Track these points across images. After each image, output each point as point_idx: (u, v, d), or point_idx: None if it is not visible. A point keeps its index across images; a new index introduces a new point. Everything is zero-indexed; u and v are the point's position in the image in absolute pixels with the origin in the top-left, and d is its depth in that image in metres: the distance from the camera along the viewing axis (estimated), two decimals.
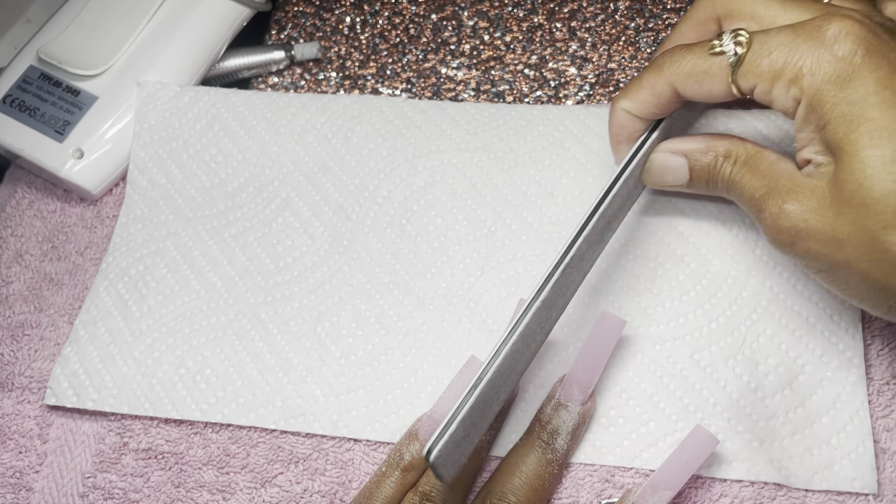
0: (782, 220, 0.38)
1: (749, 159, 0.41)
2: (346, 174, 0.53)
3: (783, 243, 0.39)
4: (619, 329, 0.42)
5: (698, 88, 0.40)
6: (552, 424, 0.43)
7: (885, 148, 0.34)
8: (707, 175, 0.43)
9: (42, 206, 0.57)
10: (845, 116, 0.35)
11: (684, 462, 0.40)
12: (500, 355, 0.39)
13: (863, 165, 0.35)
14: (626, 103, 0.43)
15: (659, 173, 0.44)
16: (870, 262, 0.35)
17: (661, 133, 0.45)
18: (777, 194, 0.39)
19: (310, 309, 0.49)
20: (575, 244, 0.42)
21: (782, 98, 0.38)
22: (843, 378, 0.44)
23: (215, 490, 0.46)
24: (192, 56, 0.58)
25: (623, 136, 0.44)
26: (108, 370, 0.49)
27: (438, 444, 0.38)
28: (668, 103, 0.42)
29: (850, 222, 0.35)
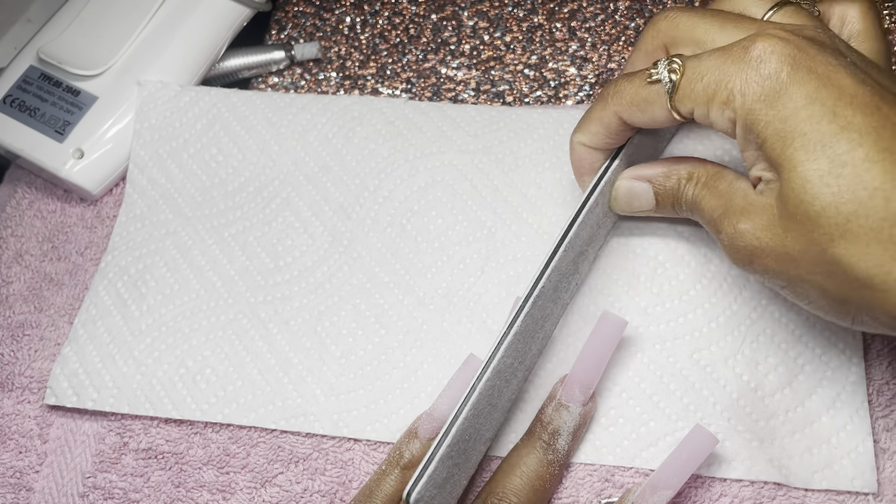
0: (737, 239, 0.39)
1: (709, 180, 0.41)
2: (347, 174, 0.53)
3: (742, 262, 0.39)
4: (621, 329, 0.42)
5: (641, 116, 0.41)
6: (553, 425, 0.43)
7: (820, 161, 0.34)
8: (672, 198, 0.44)
9: (42, 206, 0.57)
10: (779, 133, 0.36)
11: (684, 461, 0.40)
12: (475, 391, 0.40)
13: (801, 181, 0.35)
14: (580, 136, 0.44)
15: (626, 200, 0.45)
16: (823, 275, 0.36)
17: (623, 161, 0.45)
18: (732, 214, 0.39)
19: (310, 308, 0.49)
20: (543, 276, 0.42)
21: (719, 120, 0.38)
22: (843, 377, 0.44)
23: (215, 490, 0.46)
24: (193, 56, 0.58)
25: (584, 168, 0.45)
26: (107, 370, 0.49)
27: (418, 485, 0.38)
28: (618, 132, 0.43)
29: (799, 237, 0.36)
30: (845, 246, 0.34)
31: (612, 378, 0.45)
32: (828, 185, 0.34)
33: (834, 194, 0.34)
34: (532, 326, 0.43)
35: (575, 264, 0.45)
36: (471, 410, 0.40)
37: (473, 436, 0.41)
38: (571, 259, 0.44)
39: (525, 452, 0.42)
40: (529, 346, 0.43)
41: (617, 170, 0.45)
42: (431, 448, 0.39)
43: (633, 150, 0.46)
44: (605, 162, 0.45)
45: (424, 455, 0.40)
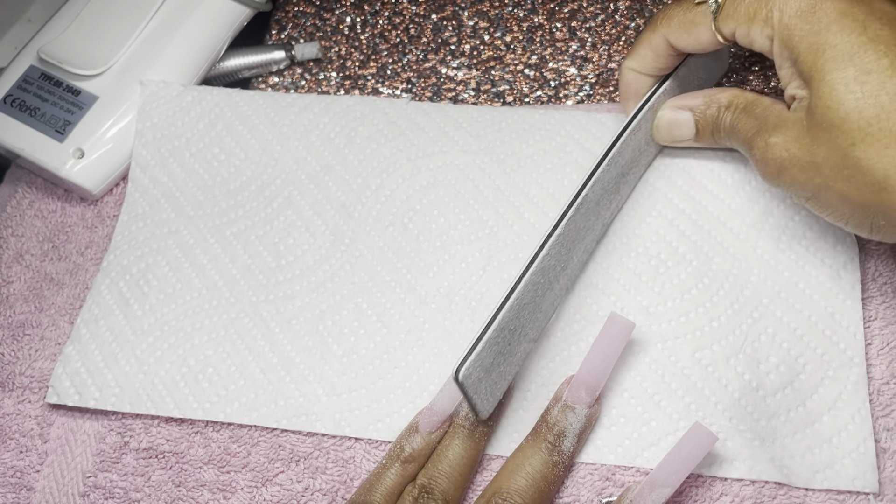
0: (768, 152, 0.41)
1: (747, 106, 0.44)
2: (349, 173, 0.53)
3: (771, 175, 0.41)
4: (628, 332, 0.42)
5: (687, 38, 0.44)
6: (559, 426, 0.43)
7: (846, 70, 0.37)
8: (712, 126, 0.46)
9: (43, 205, 0.57)
10: (812, 46, 0.38)
11: (682, 459, 0.40)
12: (520, 283, 0.41)
13: (829, 89, 0.37)
14: (630, 62, 0.47)
15: (667, 128, 0.48)
16: (844, 179, 0.37)
17: (668, 92, 0.48)
18: (765, 131, 0.41)
19: (312, 307, 0.49)
20: (587, 185, 0.44)
21: (759, 38, 0.41)
22: (845, 377, 0.44)
23: (216, 489, 0.46)
24: (193, 56, 0.58)
25: (630, 92, 0.48)
26: (109, 368, 0.49)
27: (466, 362, 0.39)
28: (665, 56, 0.46)
29: (824, 144, 0.38)
30: (865, 149, 0.36)
31: (613, 377, 0.45)
32: (852, 91, 0.36)
33: (858, 100, 0.36)
34: (574, 233, 0.45)
35: (616, 184, 0.47)
36: (515, 300, 0.41)
37: (517, 329, 0.42)
38: (613, 177, 0.46)
39: (530, 453, 0.42)
40: (571, 253, 0.45)
41: (661, 98, 0.47)
42: (479, 331, 0.40)
43: (678, 83, 0.48)
44: (650, 89, 0.47)
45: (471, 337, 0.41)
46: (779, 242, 0.47)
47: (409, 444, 0.43)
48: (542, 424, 0.43)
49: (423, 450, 0.43)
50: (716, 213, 0.48)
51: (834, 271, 0.46)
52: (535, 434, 0.43)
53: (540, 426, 0.43)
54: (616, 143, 0.46)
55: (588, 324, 0.47)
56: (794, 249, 0.47)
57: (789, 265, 0.47)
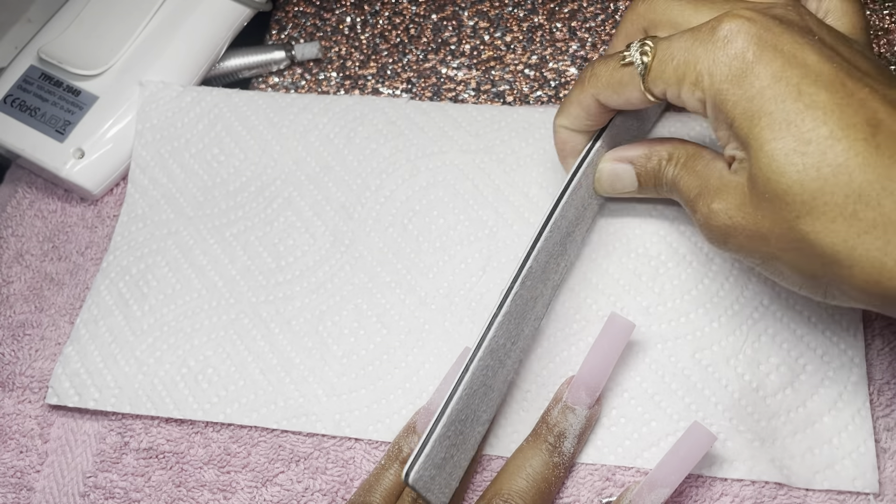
0: (711, 218, 0.39)
1: (688, 160, 0.42)
2: (349, 174, 0.53)
3: (717, 241, 0.40)
4: (629, 332, 0.42)
5: (617, 98, 0.42)
6: (559, 427, 0.43)
7: (785, 140, 0.35)
8: (654, 179, 0.44)
9: (43, 205, 0.57)
10: (746, 112, 0.36)
11: (681, 459, 0.40)
12: (469, 371, 0.40)
13: (768, 159, 0.35)
14: (561, 120, 0.46)
15: (609, 181, 0.46)
16: (793, 251, 0.36)
17: (606, 143, 0.46)
18: (707, 194, 0.40)
19: (311, 308, 0.49)
20: (530, 256, 0.43)
21: (690, 100, 0.39)
22: (845, 378, 0.44)
23: (216, 489, 0.46)
24: (193, 56, 0.58)
25: (567, 150, 0.47)
26: (109, 369, 0.49)
27: (416, 465, 0.38)
28: (597, 114, 0.44)
29: (768, 215, 0.36)
30: (811, 223, 0.35)
31: (613, 378, 0.45)
32: (793, 163, 0.35)
33: (799, 172, 0.35)
34: (522, 306, 0.43)
35: (563, 245, 0.46)
36: (465, 390, 0.40)
37: (470, 416, 0.41)
38: (558, 240, 0.45)
39: (531, 454, 0.42)
40: (521, 326, 0.44)
41: (599, 151, 0.46)
42: (427, 429, 0.39)
43: (615, 132, 0.47)
44: (587, 144, 0.46)
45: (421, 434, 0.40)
46: None
47: (406, 444, 0.43)
48: (543, 425, 0.43)
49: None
50: None
51: None
52: (536, 435, 0.43)
53: (540, 427, 0.43)
54: (557, 206, 0.44)
55: (588, 324, 0.47)
56: None
57: None
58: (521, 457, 0.42)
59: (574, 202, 0.46)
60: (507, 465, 0.42)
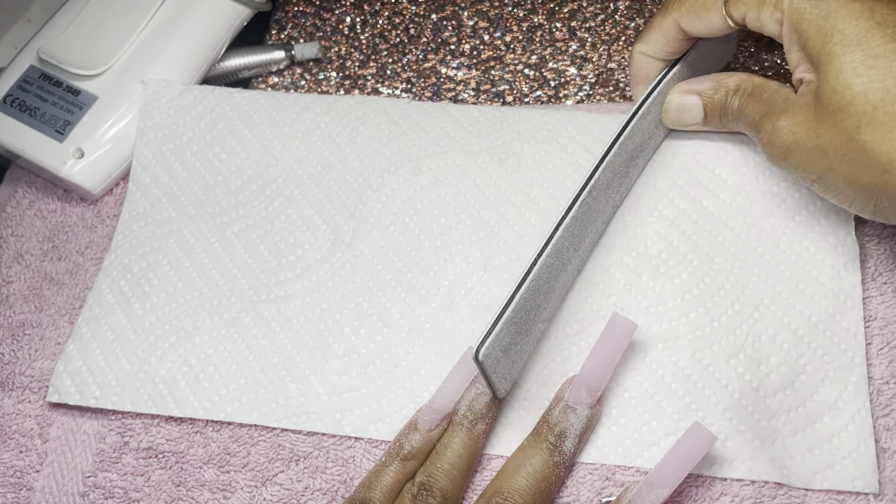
0: (775, 136, 0.41)
1: (754, 90, 0.44)
2: (350, 173, 0.53)
3: (777, 158, 0.42)
4: (630, 332, 0.42)
5: (698, 22, 0.44)
6: (560, 427, 0.42)
7: (854, 54, 0.37)
8: (720, 110, 0.46)
9: (42, 205, 0.57)
10: (821, 30, 0.38)
11: (681, 459, 0.40)
12: (536, 265, 0.42)
13: (836, 72, 0.37)
14: (640, 46, 0.48)
15: (676, 112, 0.48)
16: (849, 162, 0.38)
17: (678, 76, 0.48)
18: (772, 114, 0.42)
19: (312, 307, 0.49)
20: (598, 168, 0.45)
21: (769, 22, 0.41)
22: (845, 378, 0.44)
23: (216, 489, 0.46)
24: (193, 56, 0.58)
25: (640, 76, 0.49)
26: (110, 367, 0.49)
27: (486, 343, 0.39)
28: (675, 41, 0.46)
29: (830, 127, 0.38)
30: (870, 132, 0.37)
31: (614, 377, 0.45)
32: (859, 75, 0.37)
33: (864, 83, 0.37)
34: (586, 215, 0.45)
35: (626, 167, 0.47)
36: (532, 281, 0.42)
37: (533, 310, 0.43)
38: (623, 160, 0.47)
39: (531, 453, 0.42)
40: (583, 236, 0.46)
41: (670, 83, 0.48)
42: (497, 311, 0.41)
43: (687, 67, 0.48)
44: (660, 73, 0.48)
45: (492, 316, 0.41)
46: (779, 243, 0.47)
47: (408, 441, 0.43)
48: (544, 425, 0.43)
49: (423, 447, 0.43)
50: (717, 213, 0.48)
51: (835, 272, 0.46)
52: (537, 434, 0.43)
53: (541, 426, 0.43)
54: (626, 126, 0.46)
55: (589, 324, 0.47)
56: (794, 250, 0.47)
57: (790, 265, 0.47)
58: (522, 455, 0.42)
59: (641, 127, 0.47)
60: (507, 464, 0.42)
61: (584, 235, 0.46)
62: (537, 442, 0.42)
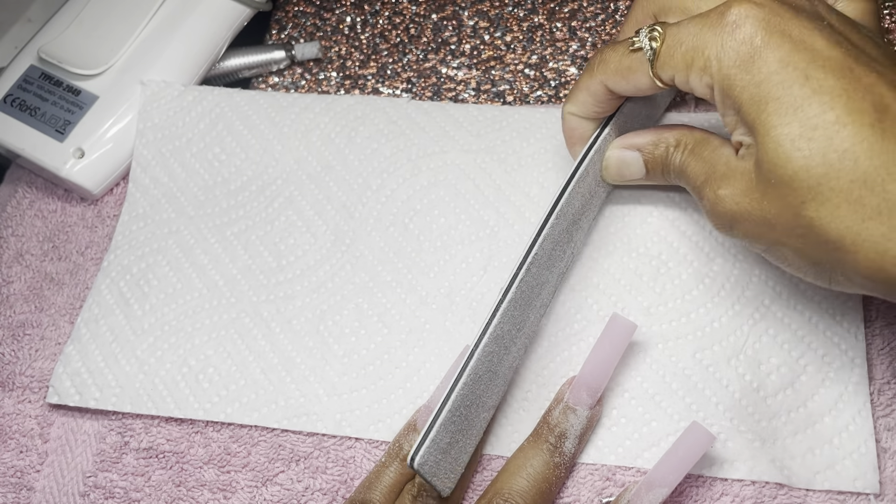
0: (718, 204, 0.39)
1: (695, 146, 0.42)
2: (349, 173, 0.53)
3: (723, 227, 0.40)
4: (630, 333, 0.42)
5: (625, 84, 0.42)
6: (560, 428, 0.42)
7: (791, 126, 0.35)
8: (661, 166, 0.45)
9: (43, 205, 0.57)
10: (754, 98, 0.36)
11: (680, 459, 0.40)
12: (473, 357, 0.40)
13: (775, 145, 0.35)
14: (570, 107, 0.46)
15: (616, 168, 0.46)
16: (798, 237, 0.36)
17: (614, 130, 0.46)
18: (714, 180, 0.40)
19: (312, 307, 0.49)
20: (536, 243, 0.43)
21: (698, 86, 0.39)
22: (846, 378, 0.44)
23: (216, 489, 0.46)
24: (193, 56, 0.58)
25: (575, 137, 0.47)
26: (110, 368, 0.49)
27: (421, 449, 0.38)
28: (605, 101, 0.44)
29: (774, 201, 0.36)
30: (816, 208, 0.35)
31: (614, 378, 0.45)
32: (799, 148, 0.35)
33: (805, 157, 0.35)
34: (528, 293, 0.43)
35: (569, 233, 0.46)
36: (470, 375, 0.40)
37: (475, 402, 0.41)
38: (564, 228, 0.45)
39: (531, 454, 0.42)
40: (527, 313, 0.44)
41: (607, 139, 0.46)
42: (433, 414, 0.39)
43: (624, 119, 0.47)
44: (595, 131, 0.46)
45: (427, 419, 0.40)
46: None
47: (407, 442, 0.43)
48: (544, 426, 0.43)
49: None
50: None
51: None
52: (537, 435, 0.43)
53: (541, 427, 0.43)
54: (563, 193, 0.45)
55: (589, 324, 0.47)
56: None
57: None
58: (522, 456, 0.42)
59: (581, 190, 0.46)
60: (507, 465, 0.42)
61: (527, 313, 0.44)
62: (537, 443, 0.42)
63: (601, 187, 0.48)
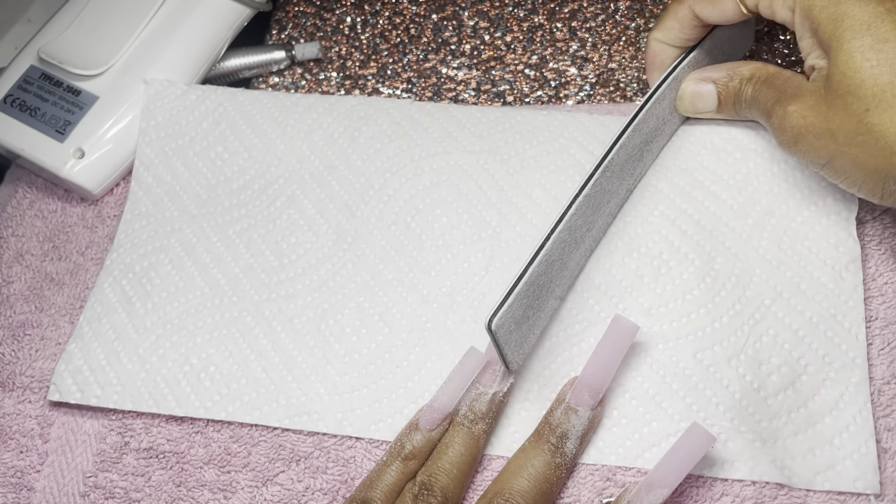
0: (786, 120, 0.42)
1: (768, 78, 0.45)
2: (352, 173, 0.53)
3: (788, 142, 0.42)
4: (632, 334, 0.42)
5: (712, 9, 0.45)
6: (562, 428, 0.42)
7: (864, 38, 0.38)
8: (734, 98, 0.47)
9: (43, 205, 0.57)
10: (831, 16, 0.39)
11: (680, 460, 0.40)
12: (550, 239, 0.42)
13: (846, 57, 0.38)
14: (656, 33, 0.48)
15: (691, 100, 0.49)
16: (858, 145, 0.39)
17: (693, 64, 0.49)
18: (784, 100, 0.42)
19: (314, 306, 0.49)
20: (612, 150, 0.45)
21: (781, 10, 0.42)
22: (846, 378, 0.44)
23: (216, 489, 0.46)
24: (193, 56, 0.58)
25: (656, 63, 0.49)
26: (112, 367, 0.49)
27: (499, 312, 0.40)
28: (690, 27, 0.47)
29: (839, 111, 0.39)
30: (879, 114, 0.37)
31: (615, 378, 0.45)
32: (868, 59, 0.37)
33: (873, 67, 0.37)
34: (600, 196, 0.46)
35: (640, 151, 0.48)
36: (545, 255, 0.42)
37: (546, 284, 0.43)
38: (637, 144, 0.47)
39: (533, 454, 0.42)
40: (596, 216, 0.46)
41: (686, 69, 0.48)
42: (511, 283, 0.41)
43: (704, 55, 0.49)
44: (676, 60, 0.48)
45: (505, 287, 0.42)
46: (781, 243, 0.47)
47: (409, 441, 0.43)
48: (545, 426, 0.43)
49: (424, 447, 0.43)
50: (718, 214, 0.48)
51: (836, 272, 0.46)
52: (538, 435, 0.43)
53: (542, 428, 0.43)
54: (641, 110, 0.47)
55: (590, 325, 0.47)
56: (796, 250, 0.47)
57: (791, 266, 0.47)
58: (524, 457, 0.42)
59: (655, 112, 0.48)
60: (508, 465, 0.42)
61: (596, 216, 0.46)
62: (539, 443, 0.42)
63: (674, 117, 0.50)
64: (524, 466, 0.42)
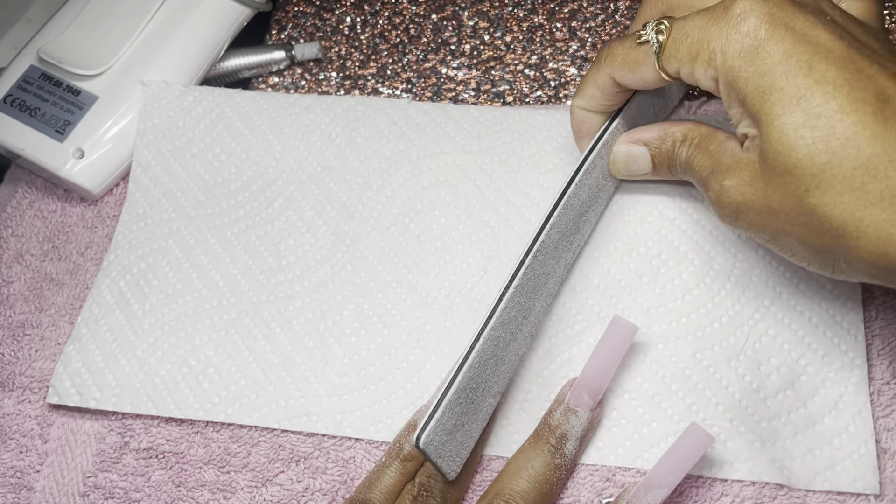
0: (723, 195, 0.40)
1: (701, 141, 0.43)
2: (350, 174, 0.53)
3: (728, 217, 0.41)
4: (631, 335, 0.42)
5: (632, 76, 0.43)
6: (561, 429, 0.42)
7: (795, 114, 0.36)
8: (668, 161, 0.45)
9: (43, 205, 0.57)
10: (758, 89, 0.37)
11: (679, 460, 0.40)
12: (480, 339, 0.41)
13: (778, 134, 0.36)
14: (578, 101, 0.46)
15: (624, 163, 0.47)
16: (801, 225, 0.37)
17: (622, 124, 0.47)
18: (719, 171, 0.41)
19: (312, 308, 0.49)
20: (543, 231, 0.44)
21: (703, 78, 0.40)
22: (846, 379, 0.44)
23: (216, 489, 0.46)
24: (193, 56, 0.58)
25: (583, 131, 0.47)
26: (110, 369, 0.49)
27: (427, 429, 0.39)
28: (613, 94, 0.45)
29: (778, 189, 0.37)
30: (820, 195, 0.35)
31: (614, 378, 0.45)
32: (802, 136, 0.35)
33: (808, 145, 0.35)
34: (534, 281, 0.44)
35: (575, 224, 0.46)
36: (476, 358, 0.41)
37: (480, 385, 0.42)
38: (571, 218, 0.46)
39: (532, 455, 0.42)
40: (533, 301, 0.44)
41: (615, 133, 0.47)
42: (438, 394, 0.40)
43: (632, 114, 0.47)
44: (603, 125, 0.47)
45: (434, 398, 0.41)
46: None
47: (408, 442, 0.43)
48: (545, 427, 0.43)
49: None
50: None
51: None
52: (538, 436, 0.43)
53: (542, 428, 0.43)
54: (571, 184, 0.45)
55: (589, 325, 0.47)
56: None
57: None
58: (523, 457, 0.42)
59: (588, 182, 0.46)
60: (508, 466, 0.42)
61: (533, 301, 0.44)
62: (538, 444, 0.42)
63: (609, 181, 0.48)
64: (524, 467, 0.42)
